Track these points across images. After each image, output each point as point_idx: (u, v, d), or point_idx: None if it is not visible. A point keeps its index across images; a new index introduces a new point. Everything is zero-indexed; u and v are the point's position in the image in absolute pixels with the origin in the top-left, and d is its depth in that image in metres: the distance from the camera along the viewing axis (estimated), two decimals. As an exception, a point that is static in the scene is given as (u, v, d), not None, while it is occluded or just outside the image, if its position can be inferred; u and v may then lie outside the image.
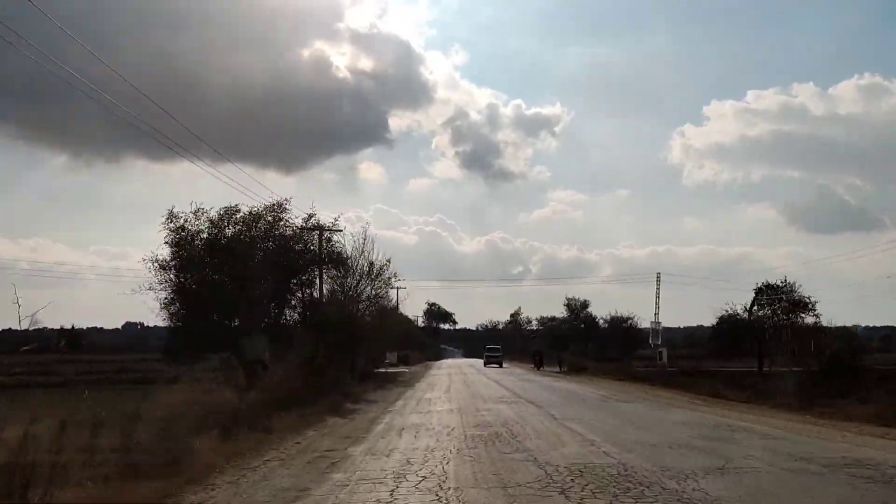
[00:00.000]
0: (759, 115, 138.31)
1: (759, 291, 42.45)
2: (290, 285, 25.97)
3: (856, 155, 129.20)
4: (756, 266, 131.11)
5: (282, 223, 24.80)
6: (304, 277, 26.86)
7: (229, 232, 23.47)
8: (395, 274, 35.03)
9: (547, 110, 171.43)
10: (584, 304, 72.99)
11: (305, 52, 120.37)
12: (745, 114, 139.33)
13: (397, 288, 72.47)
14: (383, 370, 44.31)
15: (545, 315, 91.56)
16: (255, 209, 24.21)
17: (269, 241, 24.60)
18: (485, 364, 58.36)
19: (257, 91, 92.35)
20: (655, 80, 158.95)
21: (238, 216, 23.75)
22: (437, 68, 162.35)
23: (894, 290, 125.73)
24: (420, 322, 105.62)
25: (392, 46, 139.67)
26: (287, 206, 24.83)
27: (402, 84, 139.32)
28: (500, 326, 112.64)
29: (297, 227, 25.77)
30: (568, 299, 72.86)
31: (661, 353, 42.71)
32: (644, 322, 64.15)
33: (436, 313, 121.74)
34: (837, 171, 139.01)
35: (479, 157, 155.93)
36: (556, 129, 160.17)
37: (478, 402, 20.98)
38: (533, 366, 53.78)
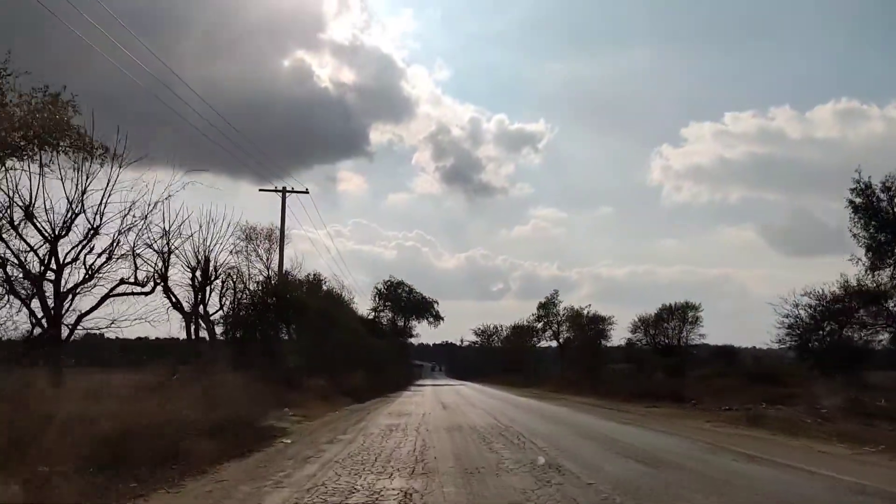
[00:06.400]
0: (736, 137, 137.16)
1: None
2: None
3: (833, 178, 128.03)
4: (735, 288, 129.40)
5: None
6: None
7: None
8: None
9: (530, 126, 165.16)
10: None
11: (286, 62, 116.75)
12: (722, 136, 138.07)
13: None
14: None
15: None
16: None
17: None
18: None
19: (235, 99, 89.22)
20: (635, 98, 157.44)
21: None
22: (420, 83, 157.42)
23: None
24: (368, 314, 59.60)
25: (374, 59, 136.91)
26: None
27: (384, 98, 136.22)
28: (503, 334, 78.92)
29: None
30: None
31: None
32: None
33: (403, 300, 65.64)
34: (815, 193, 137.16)
35: (461, 172, 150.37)
36: (539, 145, 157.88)
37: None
38: None
